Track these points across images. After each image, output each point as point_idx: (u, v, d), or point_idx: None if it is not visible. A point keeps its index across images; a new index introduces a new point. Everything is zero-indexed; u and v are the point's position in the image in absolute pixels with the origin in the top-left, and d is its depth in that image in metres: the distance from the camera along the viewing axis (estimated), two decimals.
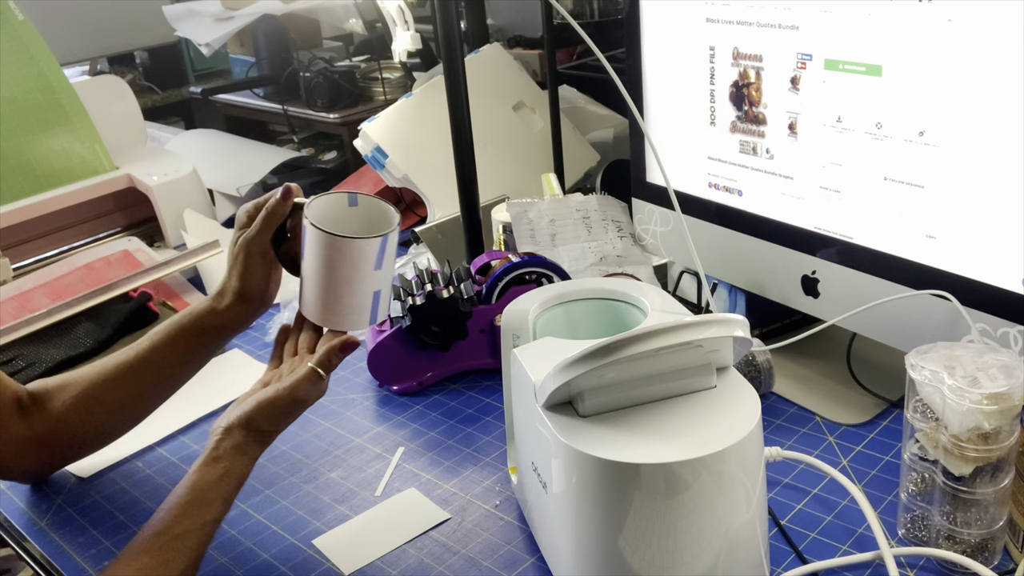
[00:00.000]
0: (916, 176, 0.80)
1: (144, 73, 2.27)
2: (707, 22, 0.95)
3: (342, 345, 0.76)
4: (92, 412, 0.87)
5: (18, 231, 1.40)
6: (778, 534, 0.78)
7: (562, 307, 0.82)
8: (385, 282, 0.79)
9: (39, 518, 0.89)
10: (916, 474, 0.74)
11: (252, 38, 1.99)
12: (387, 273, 0.79)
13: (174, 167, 1.51)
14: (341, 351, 0.76)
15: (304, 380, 0.74)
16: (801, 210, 0.92)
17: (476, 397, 1.03)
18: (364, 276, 0.77)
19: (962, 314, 0.78)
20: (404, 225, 1.51)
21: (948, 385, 0.67)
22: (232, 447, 0.74)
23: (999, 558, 0.73)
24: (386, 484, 0.90)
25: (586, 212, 1.19)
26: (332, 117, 1.79)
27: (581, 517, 0.65)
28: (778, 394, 0.97)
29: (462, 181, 1.13)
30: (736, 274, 1.03)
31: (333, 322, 0.79)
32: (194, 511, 0.72)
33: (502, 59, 1.51)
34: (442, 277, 1.07)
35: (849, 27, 0.81)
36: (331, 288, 0.78)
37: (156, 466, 0.96)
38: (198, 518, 0.72)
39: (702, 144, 1.01)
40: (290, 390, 0.74)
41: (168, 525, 0.71)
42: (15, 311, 1.18)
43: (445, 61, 1.08)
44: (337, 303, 0.78)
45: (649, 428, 0.64)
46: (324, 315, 0.79)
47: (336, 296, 0.78)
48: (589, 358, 0.61)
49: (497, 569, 0.77)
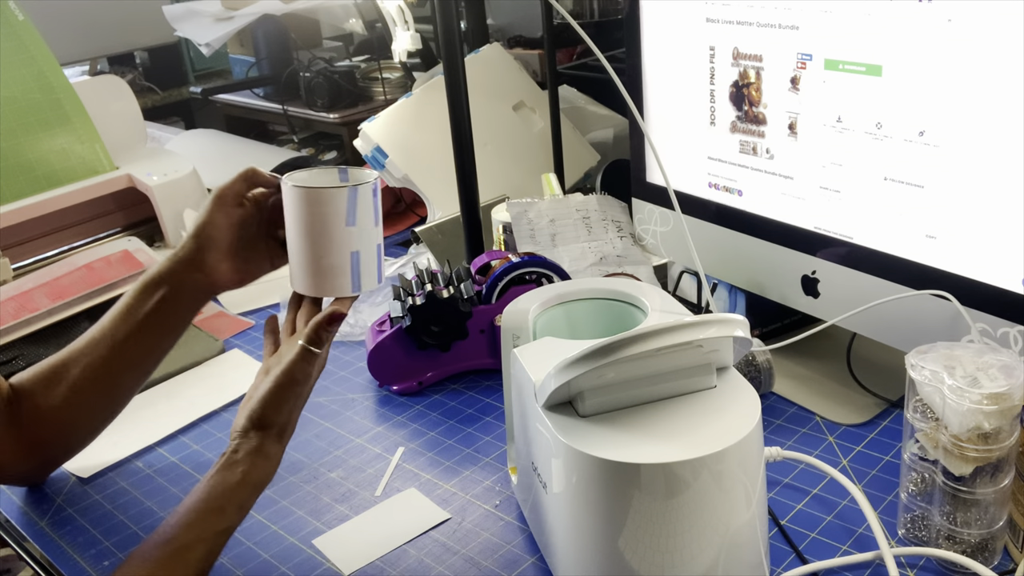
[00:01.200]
0: (916, 176, 0.80)
1: (144, 73, 2.27)
2: (707, 22, 0.95)
3: (329, 318, 0.74)
4: (76, 407, 0.85)
5: (18, 231, 1.40)
6: (778, 534, 0.78)
7: (562, 307, 0.82)
8: (364, 244, 0.77)
9: (39, 518, 0.89)
10: (916, 474, 0.74)
11: (252, 38, 1.99)
12: (364, 233, 0.77)
13: (174, 167, 1.51)
14: (329, 324, 0.74)
15: (298, 360, 0.73)
16: (801, 210, 0.92)
17: (476, 397, 1.03)
18: (335, 232, 0.75)
19: (962, 314, 0.78)
20: (404, 225, 1.51)
21: (948, 385, 0.67)
22: (251, 450, 0.72)
23: (999, 558, 0.73)
24: (386, 484, 0.90)
25: (586, 212, 1.19)
26: (332, 117, 1.79)
27: (581, 517, 0.65)
28: (778, 394, 0.97)
29: (462, 181, 1.13)
30: (736, 274, 1.03)
31: (314, 287, 0.78)
32: (207, 519, 0.69)
33: (502, 59, 1.51)
34: (442, 277, 1.07)
35: (849, 27, 0.81)
36: (305, 248, 0.76)
37: (156, 466, 0.96)
38: (210, 526, 0.69)
39: (702, 144, 1.01)
40: (286, 374, 0.73)
41: (178, 533, 0.68)
42: (15, 311, 1.18)
43: (445, 61, 1.08)
44: (314, 264, 0.77)
45: (649, 428, 0.64)
46: (304, 280, 0.78)
47: (311, 256, 0.76)
48: (589, 358, 0.61)
49: (497, 569, 0.77)
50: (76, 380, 0.84)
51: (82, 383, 0.84)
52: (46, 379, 0.85)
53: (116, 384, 0.87)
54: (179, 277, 0.83)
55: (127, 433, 0.99)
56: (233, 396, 1.07)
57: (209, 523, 0.70)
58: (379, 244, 0.79)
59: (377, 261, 0.79)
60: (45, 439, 0.87)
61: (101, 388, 0.85)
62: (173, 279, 0.83)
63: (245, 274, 0.85)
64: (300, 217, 0.76)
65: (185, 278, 0.83)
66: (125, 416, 0.90)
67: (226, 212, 0.82)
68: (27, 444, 0.85)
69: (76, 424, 0.87)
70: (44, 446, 0.87)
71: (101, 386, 0.85)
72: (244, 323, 1.25)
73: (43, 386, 0.84)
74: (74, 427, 0.88)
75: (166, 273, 0.83)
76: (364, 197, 0.76)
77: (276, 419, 0.74)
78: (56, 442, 0.88)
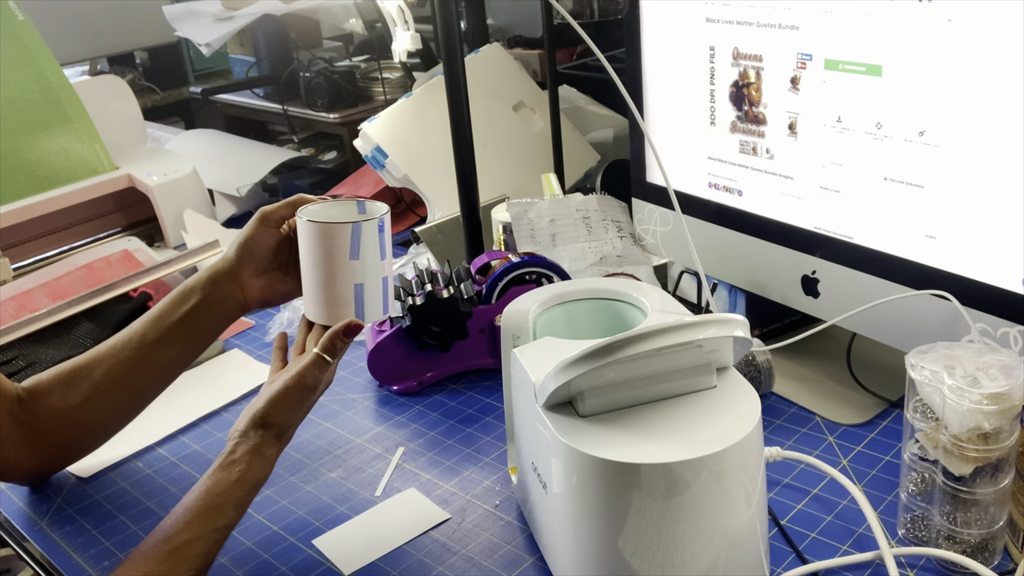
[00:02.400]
0: (916, 176, 0.80)
1: (144, 73, 2.27)
2: (707, 22, 0.95)
3: (345, 329, 0.76)
4: (95, 407, 0.86)
5: (18, 231, 1.40)
6: (778, 534, 0.78)
7: (562, 307, 0.82)
8: (368, 277, 0.80)
9: (39, 518, 0.89)
10: (916, 474, 0.74)
11: (252, 38, 1.99)
12: (367, 266, 0.79)
13: (174, 167, 1.51)
14: (345, 335, 0.76)
15: (311, 365, 0.75)
16: (801, 210, 0.92)
17: (476, 397, 1.03)
18: (339, 264, 0.78)
19: (962, 314, 0.78)
20: (404, 225, 1.51)
21: (948, 385, 0.67)
22: (248, 450, 0.74)
23: (999, 558, 0.73)
24: (386, 484, 0.90)
25: (586, 212, 1.19)
26: (332, 117, 1.79)
27: (581, 517, 0.65)
28: (778, 394, 0.97)
29: (462, 181, 1.13)
30: (736, 274, 1.03)
31: (321, 315, 0.80)
32: (205, 517, 0.71)
33: (502, 59, 1.51)
34: (442, 277, 1.07)
35: (849, 27, 0.81)
36: (312, 279, 0.80)
37: (156, 466, 0.96)
38: (208, 524, 0.71)
39: (702, 144, 1.01)
40: (297, 378, 0.74)
41: (177, 531, 0.70)
42: (15, 311, 1.18)
43: (445, 61, 1.08)
44: (319, 293, 0.80)
45: (649, 428, 0.64)
46: (312, 308, 0.81)
47: (317, 286, 0.80)
48: (589, 358, 0.61)
49: (497, 569, 0.77)
50: (99, 380, 0.85)
51: (105, 384, 0.86)
52: (67, 378, 0.86)
53: (137, 389, 0.88)
54: (214, 288, 0.85)
55: (128, 433, 0.99)
56: (233, 396, 1.07)
57: (208, 521, 0.71)
58: (385, 277, 0.81)
59: (383, 294, 0.81)
60: (58, 439, 0.87)
61: (122, 391, 0.87)
62: (207, 289, 0.85)
63: (274, 294, 0.87)
64: (308, 248, 0.79)
65: (220, 290, 0.85)
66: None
67: (268, 232, 0.84)
68: (38, 443, 0.86)
69: (92, 425, 0.88)
70: (56, 446, 0.88)
71: (123, 389, 0.87)
72: (244, 323, 1.25)
73: (63, 385, 0.86)
74: (89, 428, 0.89)
75: (203, 282, 0.85)
76: (368, 233, 0.79)
77: (278, 420, 0.75)
78: (69, 442, 0.89)
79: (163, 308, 0.86)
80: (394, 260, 1.33)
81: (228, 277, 0.85)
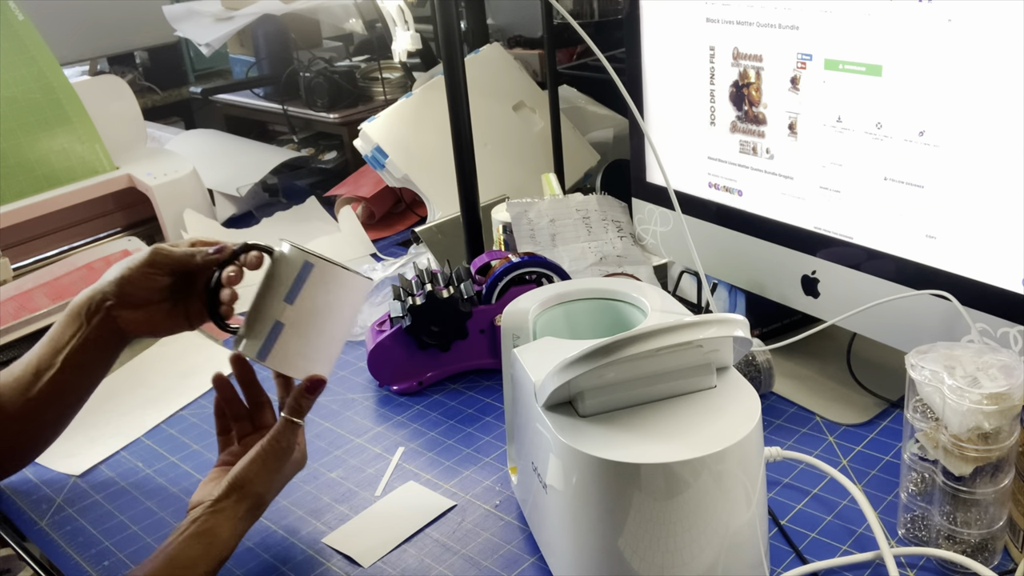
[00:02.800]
0: (916, 176, 0.80)
1: (144, 73, 2.27)
2: (707, 22, 0.95)
3: (308, 386, 0.77)
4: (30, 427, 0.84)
5: (18, 231, 1.39)
6: (778, 534, 0.78)
7: (562, 307, 0.82)
8: (293, 321, 0.76)
9: (39, 518, 0.89)
10: (916, 474, 0.74)
11: (252, 38, 1.99)
12: (298, 313, 0.76)
13: (174, 167, 1.51)
14: (309, 392, 0.77)
15: (283, 430, 0.76)
16: (801, 210, 0.92)
17: (476, 397, 1.03)
18: (272, 298, 0.77)
19: (962, 314, 0.78)
20: (404, 225, 1.51)
21: (948, 385, 0.67)
22: (222, 520, 0.72)
23: (999, 558, 0.73)
24: (386, 484, 0.90)
25: (586, 212, 1.19)
26: (332, 117, 1.79)
27: (581, 517, 0.65)
28: (778, 394, 0.97)
29: (462, 181, 1.13)
30: (736, 274, 1.03)
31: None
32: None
33: (502, 59, 1.51)
34: (442, 277, 1.07)
35: (849, 27, 0.81)
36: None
37: (156, 466, 0.96)
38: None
39: (702, 144, 1.01)
40: (272, 441, 0.75)
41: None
42: (15, 311, 1.18)
43: (445, 61, 1.08)
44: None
45: (649, 428, 0.64)
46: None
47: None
48: (589, 358, 0.61)
49: (497, 569, 0.77)
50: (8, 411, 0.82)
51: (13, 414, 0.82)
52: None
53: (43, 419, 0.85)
54: (89, 315, 0.81)
55: (128, 433, 0.99)
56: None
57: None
58: (325, 336, 0.78)
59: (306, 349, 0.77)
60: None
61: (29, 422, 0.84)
62: (85, 317, 0.81)
63: (155, 328, 0.84)
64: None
65: (95, 318, 0.81)
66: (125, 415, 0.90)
67: (154, 274, 0.81)
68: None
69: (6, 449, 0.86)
70: None
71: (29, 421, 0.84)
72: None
73: None
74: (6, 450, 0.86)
75: (83, 308, 0.82)
76: (312, 282, 0.76)
77: (256, 487, 0.75)
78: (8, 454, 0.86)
79: (54, 336, 0.82)
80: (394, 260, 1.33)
81: (101, 307, 0.81)
